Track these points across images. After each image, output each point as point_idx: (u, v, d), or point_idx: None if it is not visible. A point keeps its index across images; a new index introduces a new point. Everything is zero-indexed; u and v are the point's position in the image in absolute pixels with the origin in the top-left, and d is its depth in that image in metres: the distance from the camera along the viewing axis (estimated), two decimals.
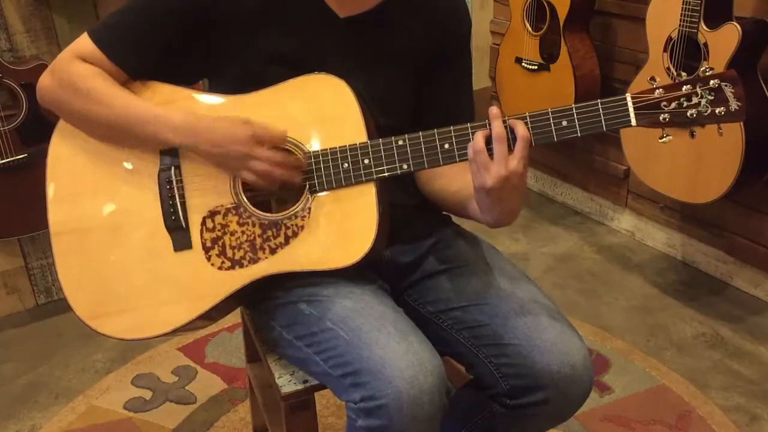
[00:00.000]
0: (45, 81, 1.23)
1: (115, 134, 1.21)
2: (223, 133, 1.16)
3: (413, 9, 1.28)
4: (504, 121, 1.10)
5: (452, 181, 1.29)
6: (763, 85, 2.04)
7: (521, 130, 1.09)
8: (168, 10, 1.20)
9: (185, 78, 1.26)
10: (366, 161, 1.16)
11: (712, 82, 1.07)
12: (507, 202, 1.12)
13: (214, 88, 1.28)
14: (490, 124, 1.10)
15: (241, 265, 1.20)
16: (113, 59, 1.21)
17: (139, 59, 1.22)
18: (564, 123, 1.11)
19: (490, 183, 1.08)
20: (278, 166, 1.16)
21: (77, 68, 1.21)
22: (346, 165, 1.17)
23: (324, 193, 1.18)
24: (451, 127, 1.14)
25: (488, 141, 1.10)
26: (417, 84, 1.32)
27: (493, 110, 1.10)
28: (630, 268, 2.65)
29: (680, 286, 2.52)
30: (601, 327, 2.31)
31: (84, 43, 1.22)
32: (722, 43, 1.96)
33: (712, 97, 1.08)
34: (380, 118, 1.24)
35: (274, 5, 1.21)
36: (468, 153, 1.11)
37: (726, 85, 1.07)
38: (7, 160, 2.16)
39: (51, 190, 1.25)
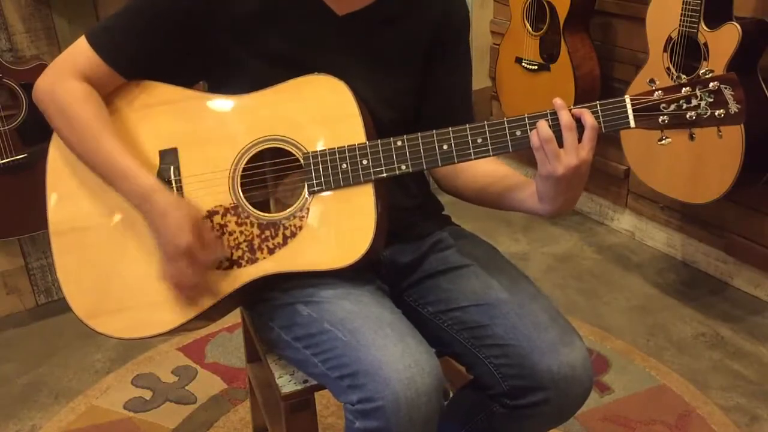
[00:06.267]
0: (41, 84, 1.23)
1: (85, 162, 1.22)
2: (168, 226, 1.15)
3: (410, 1, 1.27)
4: (570, 110, 1.10)
5: (473, 177, 1.30)
6: (763, 86, 2.04)
7: (589, 118, 1.09)
8: (165, 12, 1.20)
9: (184, 79, 1.25)
10: (364, 162, 1.16)
11: (711, 84, 1.07)
12: (574, 191, 1.13)
13: (213, 89, 1.28)
14: (554, 114, 1.10)
15: (240, 265, 1.20)
16: (109, 62, 1.21)
17: (135, 62, 1.22)
18: None
19: (561, 172, 1.09)
20: (187, 287, 1.17)
21: (67, 88, 1.20)
22: (345, 165, 1.17)
23: (323, 193, 1.18)
24: (450, 129, 1.14)
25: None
26: (418, 76, 1.32)
27: (558, 101, 1.10)
28: (630, 268, 2.65)
29: (680, 286, 2.52)
30: (601, 327, 2.31)
31: (81, 46, 1.22)
32: (722, 43, 1.95)
33: (712, 100, 1.08)
34: (384, 113, 1.24)
35: (272, 6, 1.20)
36: (533, 142, 1.11)
37: (725, 88, 1.07)
38: (7, 160, 2.16)
39: (51, 189, 1.25)
